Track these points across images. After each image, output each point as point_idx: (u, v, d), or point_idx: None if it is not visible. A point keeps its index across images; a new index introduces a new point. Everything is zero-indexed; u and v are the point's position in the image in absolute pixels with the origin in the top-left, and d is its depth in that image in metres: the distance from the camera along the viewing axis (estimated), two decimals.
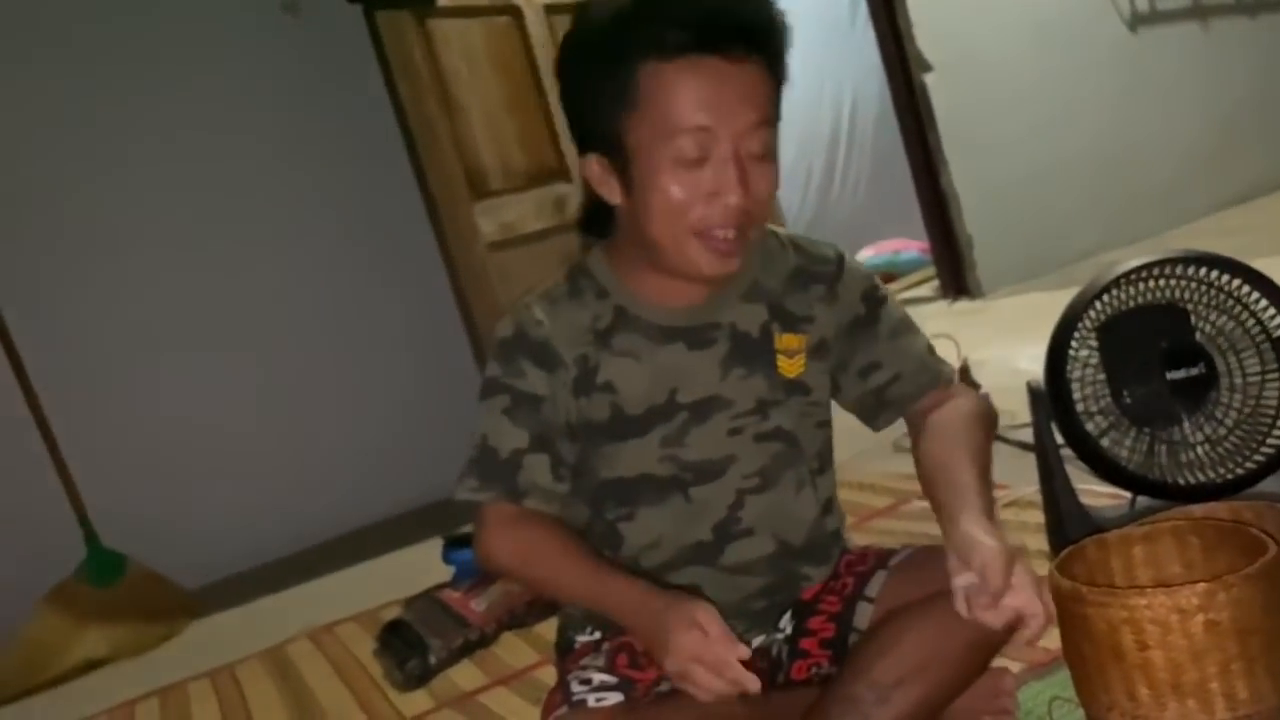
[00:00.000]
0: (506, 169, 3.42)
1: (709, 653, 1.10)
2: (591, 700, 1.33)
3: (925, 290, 4.94)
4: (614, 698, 1.34)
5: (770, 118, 1.22)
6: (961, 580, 1.12)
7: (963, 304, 4.44)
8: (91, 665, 2.92)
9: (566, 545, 1.28)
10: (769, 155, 1.22)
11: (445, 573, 2.48)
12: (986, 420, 1.36)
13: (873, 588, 1.39)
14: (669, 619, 1.14)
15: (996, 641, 1.29)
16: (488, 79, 3.41)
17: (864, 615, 1.37)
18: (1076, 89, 4.65)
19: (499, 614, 2.27)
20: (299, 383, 3.64)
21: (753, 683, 1.10)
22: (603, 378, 1.31)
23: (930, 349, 1.41)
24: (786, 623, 1.43)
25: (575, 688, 1.35)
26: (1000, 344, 3.25)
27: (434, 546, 2.58)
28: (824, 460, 1.46)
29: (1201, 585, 1.02)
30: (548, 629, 2.23)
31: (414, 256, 3.65)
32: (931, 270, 4.87)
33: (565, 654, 1.47)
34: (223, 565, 3.48)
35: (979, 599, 1.10)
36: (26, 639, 2.97)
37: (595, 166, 1.25)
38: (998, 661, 1.31)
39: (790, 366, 1.36)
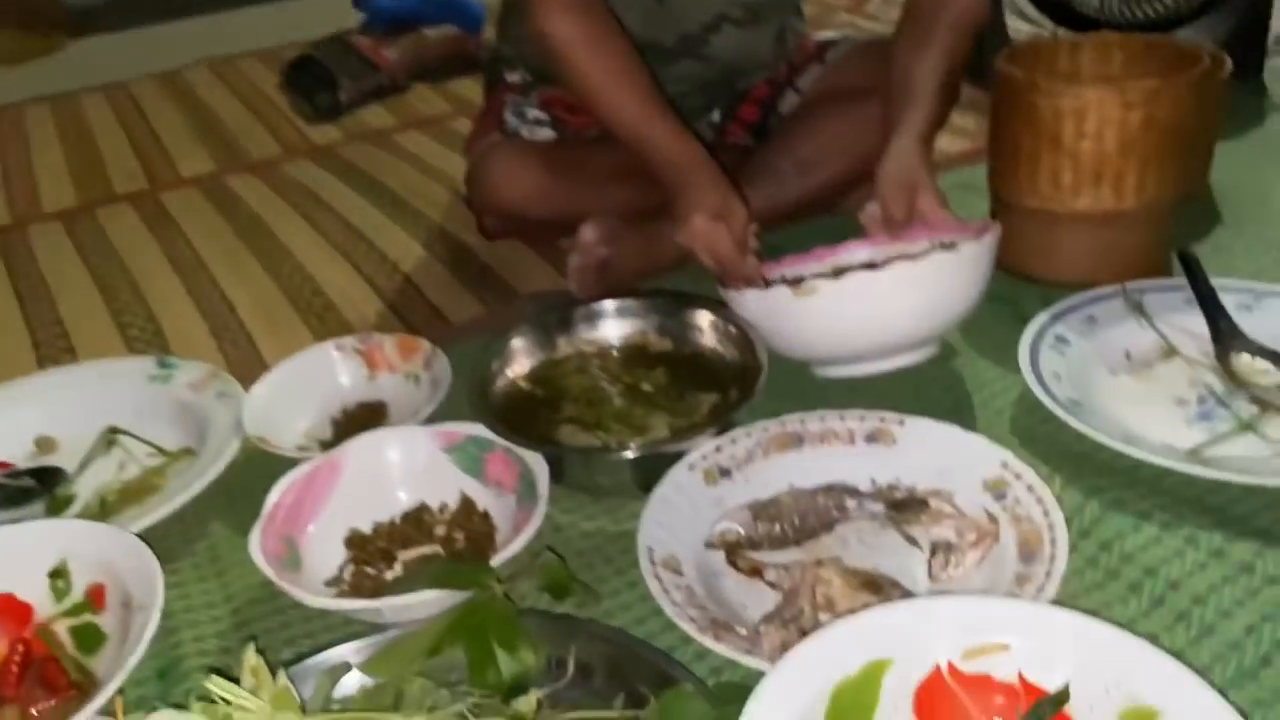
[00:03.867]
0: None
1: (719, 249, 1.04)
2: (525, 132, 1.30)
3: None
4: (547, 133, 1.31)
5: None
6: (869, 209, 1.09)
7: None
8: None
9: (632, 62, 1.10)
10: None
11: (354, 19, 2.30)
12: (976, 19, 1.17)
13: (805, 80, 1.35)
14: (697, 196, 1.04)
15: None
16: None
17: (790, 103, 1.35)
18: None
19: (410, 63, 2.15)
20: None
21: (751, 279, 1.04)
22: None
23: None
24: (716, 111, 1.39)
25: (510, 120, 1.31)
26: None
27: None
28: None
29: (1150, 82, 1.01)
30: (460, 85, 2.14)
31: None
32: None
33: (493, 87, 1.40)
34: None
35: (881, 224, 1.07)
36: None
37: None
38: None
39: None
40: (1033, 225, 1.10)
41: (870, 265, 0.99)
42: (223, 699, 0.58)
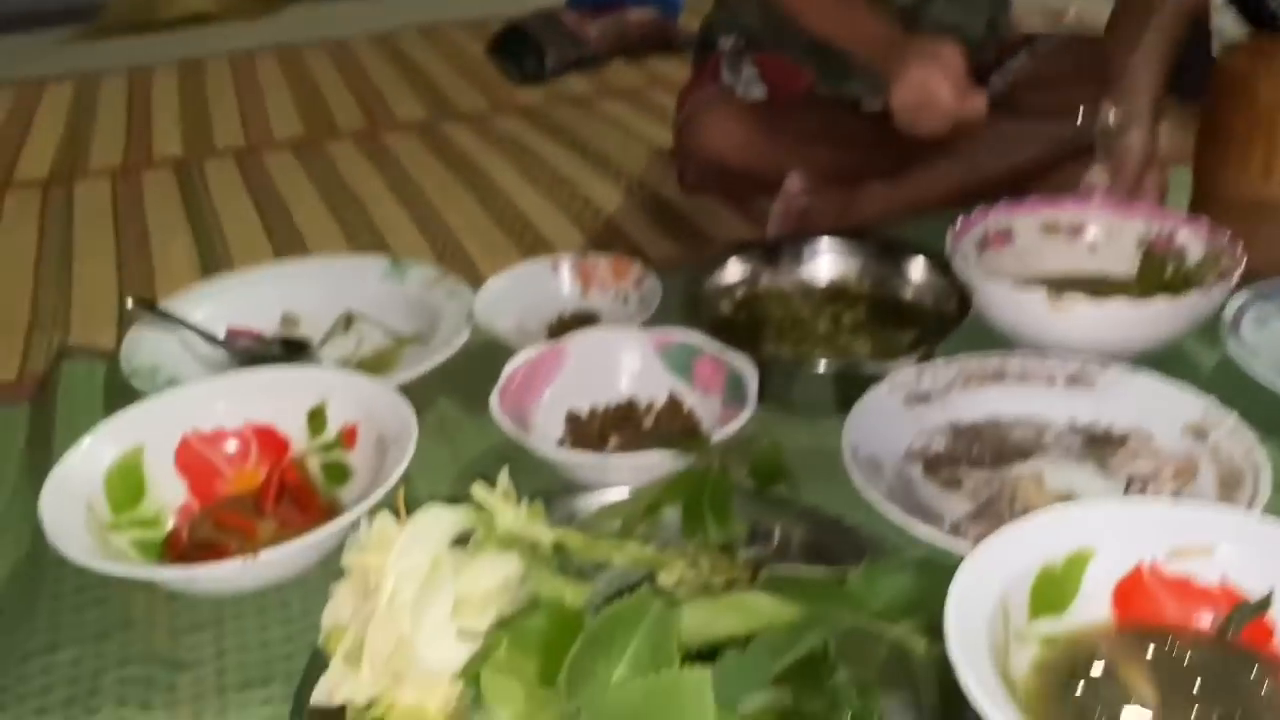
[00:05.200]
0: None
1: (938, 91, 1.06)
2: (740, 90, 1.37)
3: None
4: (759, 93, 1.37)
5: None
6: (1092, 174, 1.11)
7: None
8: (199, 19, 2.92)
9: None
10: None
11: None
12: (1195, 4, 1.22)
13: (1012, 64, 1.39)
14: (910, 48, 1.08)
15: None
16: None
17: (996, 86, 1.38)
18: None
19: (611, 39, 2.25)
20: None
21: (979, 113, 1.08)
22: None
23: None
24: None
25: (726, 76, 1.38)
26: None
27: None
28: None
29: None
30: (657, 62, 2.23)
31: None
32: None
33: (708, 51, 1.48)
34: None
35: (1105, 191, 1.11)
36: None
37: None
38: None
39: None
40: (1236, 216, 1.11)
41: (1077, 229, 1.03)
42: (487, 504, 0.65)
